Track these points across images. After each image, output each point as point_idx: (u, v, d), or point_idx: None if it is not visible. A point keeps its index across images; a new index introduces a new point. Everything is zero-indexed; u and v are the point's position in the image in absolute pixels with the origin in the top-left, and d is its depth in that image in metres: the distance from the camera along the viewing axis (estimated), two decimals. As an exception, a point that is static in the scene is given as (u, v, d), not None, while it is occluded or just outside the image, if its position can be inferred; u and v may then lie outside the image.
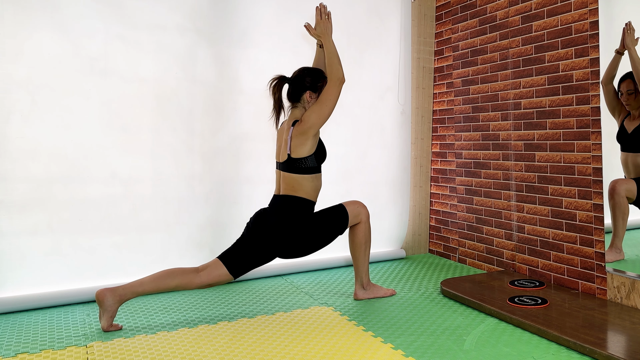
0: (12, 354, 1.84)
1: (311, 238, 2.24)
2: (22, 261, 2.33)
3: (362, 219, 2.37)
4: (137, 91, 2.55)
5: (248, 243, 2.22)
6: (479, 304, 2.27)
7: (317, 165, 2.22)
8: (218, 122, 2.74)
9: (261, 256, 2.22)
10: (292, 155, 2.17)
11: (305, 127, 2.15)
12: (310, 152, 2.19)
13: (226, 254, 2.22)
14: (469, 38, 3.13)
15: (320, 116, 2.15)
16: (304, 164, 2.18)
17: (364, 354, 1.81)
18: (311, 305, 2.36)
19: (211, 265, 2.19)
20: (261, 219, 2.22)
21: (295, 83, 2.24)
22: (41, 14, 2.33)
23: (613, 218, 2.39)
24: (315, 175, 2.23)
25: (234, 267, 2.19)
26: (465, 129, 3.16)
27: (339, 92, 2.18)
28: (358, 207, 2.37)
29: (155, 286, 2.10)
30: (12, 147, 2.30)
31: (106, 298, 2.03)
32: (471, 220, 3.13)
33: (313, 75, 2.24)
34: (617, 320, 2.07)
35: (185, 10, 2.64)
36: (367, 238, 2.41)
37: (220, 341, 1.93)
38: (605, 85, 2.35)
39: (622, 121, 2.36)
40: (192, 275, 2.15)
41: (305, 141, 2.17)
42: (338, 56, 2.21)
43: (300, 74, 2.26)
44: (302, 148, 2.17)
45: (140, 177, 2.57)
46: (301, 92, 2.23)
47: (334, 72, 2.18)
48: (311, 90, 2.22)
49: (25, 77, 2.31)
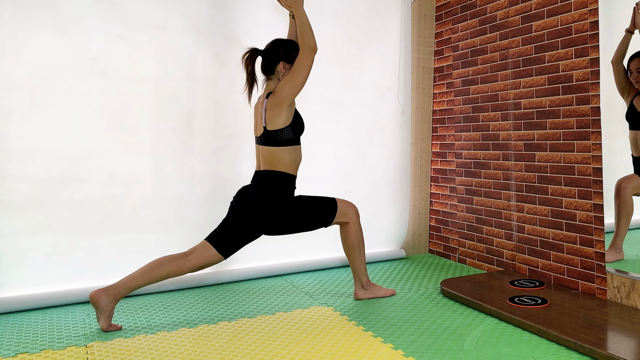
0: (12, 354, 1.84)
1: (295, 215, 2.21)
2: (22, 261, 2.33)
3: (350, 218, 2.35)
4: (137, 91, 2.55)
5: (233, 222, 2.22)
6: (479, 304, 2.27)
7: (294, 137, 2.19)
8: (218, 122, 2.74)
9: (247, 234, 2.22)
10: (268, 127, 2.15)
11: (279, 98, 2.13)
12: (286, 124, 2.15)
13: (213, 235, 2.23)
14: (469, 38, 3.13)
15: (294, 86, 2.12)
16: (280, 136, 2.15)
17: (364, 354, 1.81)
18: (311, 305, 2.36)
19: (199, 248, 2.20)
20: (244, 197, 2.22)
21: (268, 55, 2.22)
22: (41, 14, 2.33)
23: (617, 217, 2.38)
24: (293, 148, 2.19)
25: (222, 247, 2.20)
26: (465, 129, 3.16)
27: (311, 61, 2.14)
28: (347, 206, 2.36)
29: (146, 278, 2.10)
30: (12, 147, 2.30)
31: (100, 299, 2.03)
32: (471, 220, 3.13)
33: (286, 46, 2.22)
34: (617, 320, 2.07)
35: (185, 10, 2.64)
36: (359, 239, 2.39)
37: (220, 341, 1.93)
38: (616, 64, 2.35)
39: (632, 100, 2.36)
40: (181, 261, 2.15)
41: (280, 112, 2.14)
42: (310, 25, 2.17)
43: (273, 45, 2.23)
44: (277, 120, 2.14)
45: (140, 177, 2.57)
46: (275, 63, 2.20)
47: (305, 41, 2.14)
48: (285, 61, 2.20)
49: (25, 77, 2.31)
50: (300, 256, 2.98)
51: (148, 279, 2.11)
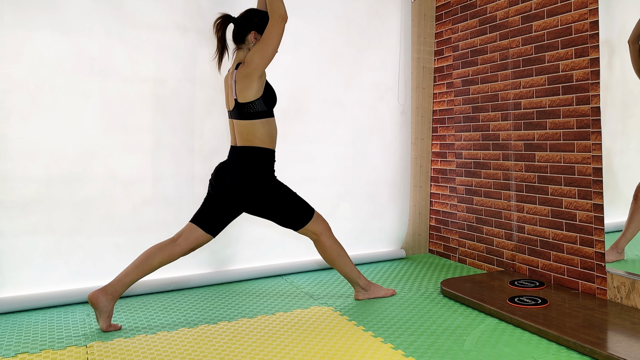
0: (12, 354, 1.84)
1: (272, 200, 2.16)
2: (22, 261, 2.33)
3: (321, 233, 2.28)
4: (137, 91, 2.55)
5: (215, 200, 2.21)
6: (479, 304, 2.27)
7: (267, 109, 2.14)
8: (218, 122, 2.74)
9: (230, 211, 2.21)
10: (239, 100, 2.11)
11: (249, 69, 2.08)
12: (257, 95, 2.10)
13: (197, 215, 2.22)
14: (469, 38, 3.13)
15: (264, 56, 2.07)
16: (252, 108, 2.11)
17: (364, 354, 1.81)
18: (311, 305, 2.36)
19: (186, 231, 2.19)
20: (222, 174, 2.20)
21: (241, 23, 2.18)
22: (41, 14, 2.33)
23: (630, 219, 2.36)
24: (266, 120, 2.14)
25: (208, 227, 2.19)
26: (465, 129, 3.16)
27: (281, 30, 2.09)
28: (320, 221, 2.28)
29: (141, 271, 2.10)
30: (12, 147, 2.30)
31: (99, 299, 2.03)
32: (471, 220, 3.13)
33: (260, 16, 2.18)
34: (617, 320, 2.07)
35: (185, 10, 2.64)
36: (338, 250, 2.33)
37: (220, 341, 1.93)
38: (632, 44, 2.32)
39: None
40: (170, 247, 2.15)
41: (250, 84, 2.09)
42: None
43: (247, 14, 2.19)
44: (248, 91, 2.09)
45: (140, 177, 2.57)
46: (246, 32, 2.17)
47: (275, 9, 2.08)
48: (256, 31, 2.16)
49: (25, 77, 2.31)
50: (300, 256, 2.98)
51: (142, 271, 2.10)
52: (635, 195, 2.35)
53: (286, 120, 2.88)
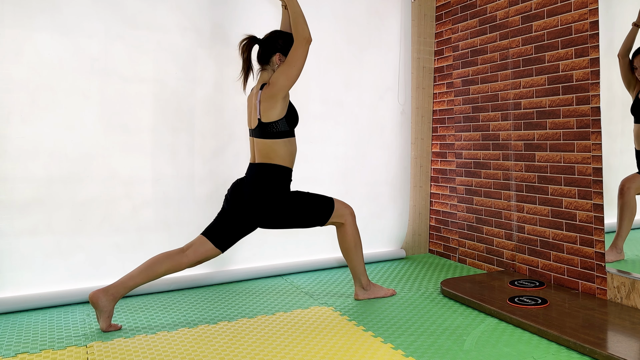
0: (12, 354, 1.84)
1: (291, 210, 2.20)
2: (22, 261, 2.33)
3: (346, 219, 2.35)
4: (137, 91, 2.55)
5: (228, 215, 2.22)
6: (479, 304, 2.27)
7: (289, 129, 2.18)
8: (218, 122, 2.74)
9: (243, 227, 2.22)
10: (263, 119, 2.14)
11: (273, 90, 2.12)
12: (280, 116, 2.14)
13: (209, 229, 2.23)
14: (469, 38, 3.13)
15: (289, 77, 2.12)
16: (275, 128, 2.14)
17: (364, 354, 1.81)
18: (311, 305, 2.36)
19: (196, 243, 2.20)
20: (238, 190, 2.21)
21: (266, 44, 2.21)
22: (41, 14, 2.33)
23: (620, 217, 2.38)
24: (288, 140, 2.19)
25: (219, 241, 2.20)
26: (465, 129, 3.16)
27: (306, 52, 2.13)
28: (344, 207, 2.35)
29: (145, 276, 2.10)
30: (12, 147, 2.30)
31: (100, 299, 2.03)
32: (471, 220, 3.13)
33: (285, 38, 2.21)
34: (617, 320, 2.07)
35: (185, 10, 2.64)
36: (356, 240, 2.38)
37: (220, 341, 1.93)
38: (622, 57, 2.34)
39: (637, 94, 2.36)
40: (178, 257, 2.15)
41: (275, 104, 2.13)
42: (303, 15, 2.15)
43: (272, 35, 2.23)
44: (272, 112, 2.13)
45: (140, 177, 2.57)
46: (271, 53, 2.20)
47: (299, 32, 2.13)
48: (281, 52, 2.19)
49: (25, 77, 2.31)
50: (300, 256, 2.98)
51: (147, 276, 2.11)
52: (620, 191, 2.36)
53: (286, 120, 2.88)
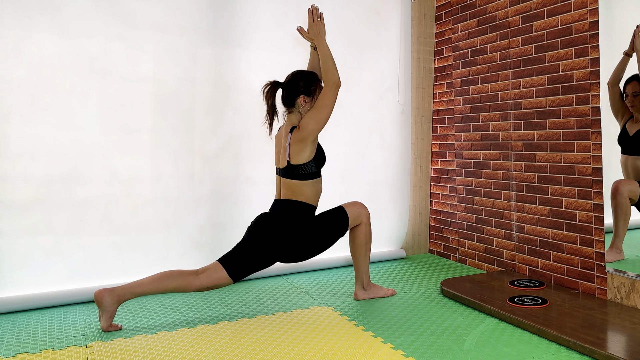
0: (12, 354, 1.84)
1: (312, 243, 2.23)
2: (22, 261, 2.33)
3: (362, 220, 2.36)
4: (137, 91, 2.55)
5: (249, 247, 2.21)
6: (479, 304, 2.27)
7: (316, 170, 2.22)
8: (218, 122, 2.74)
9: (262, 260, 2.22)
10: (292, 162, 2.17)
11: (303, 134, 2.14)
12: (309, 158, 2.18)
13: (226, 258, 2.22)
14: (469, 38, 3.13)
15: (318, 122, 2.15)
16: (304, 170, 2.18)
17: (364, 354, 1.81)
18: (311, 305, 2.36)
19: (211, 268, 2.19)
20: (262, 224, 2.22)
21: (288, 88, 2.23)
22: (41, 14, 2.33)
23: (615, 218, 2.38)
24: (315, 180, 2.23)
25: (234, 271, 2.19)
26: (465, 129, 3.16)
27: (335, 96, 2.16)
28: (358, 208, 2.36)
29: (154, 287, 2.10)
30: (12, 147, 2.30)
31: (105, 298, 2.03)
32: (471, 220, 3.13)
33: (306, 79, 2.23)
34: (617, 320, 2.07)
35: (185, 10, 2.64)
36: (368, 239, 2.40)
37: (220, 341, 1.93)
38: (612, 87, 2.35)
39: (625, 124, 2.37)
40: (191, 278, 2.15)
41: (304, 148, 2.16)
42: (333, 59, 2.19)
43: (293, 78, 2.24)
44: (301, 155, 2.16)
45: (140, 177, 2.57)
46: (295, 96, 2.22)
47: (329, 77, 2.16)
48: (305, 94, 2.21)
49: (25, 77, 2.31)
50: (300, 256, 2.98)
51: (155, 288, 2.10)
52: (612, 194, 2.37)
53: (286, 120, 2.88)
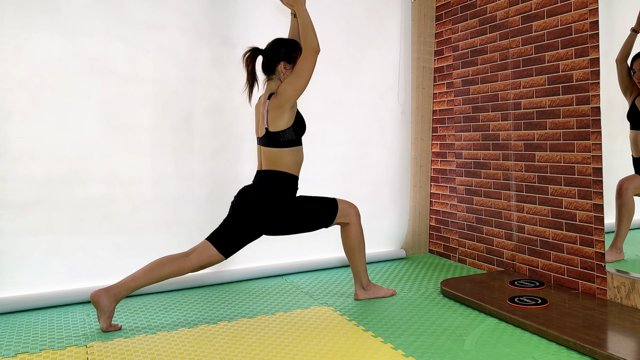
0: (12, 354, 1.84)
1: (295, 216, 2.21)
2: (22, 261, 2.33)
3: (351, 219, 2.35)
4: (137, 91, 2.55)
5: (234, 222, 2.22)
6: (479, 304, 2.27)
7: (296, 138, 2.19)
8: (218, 122, 2.74)
9: (248, 233, 2.22)
10: (270, 128, 2.15)
11: (281, 100, 2.12)
12: (288, 125, 2.15)
13: (214, 235, 2.23)
14: (469, 38, 3.13)
15: (296, 88, 2.12)
16: (282, 137, 2.15)
17: (364, 354, 1.81)
18: (311, 305, 2.36)
19: (200, 248, 2.20)
20: (245, 196, 2.22)
21: (269, 54, 2.21)
22: (41, 14, 2.33)
23: (618, 217, 2.38)
24: (295, 149, 2.20)
25: (223, 247, 2.20)
26: (465, 129, 3.16)
27: (314, 62, 2.13)
28: (348, 206, 2.35)
29: (148, 278, 2.10)
30: (12, 147, 2.30)
31: (101, 299, 2.03)
32: (471, 220, 3.13)
33: (287, 46, 2.21)
34: (617, 320, 2.07)
35: (185, 10, 2.64)
36: (360, 240, 2.39)
37: (220, 341, 1.93)
38: (620, 63, 2.35)
39: (634, 100, 2.36)
40: (182, 261, 2.15)
41: (282, 114, 2.13)
42: (312, 25, 2.16)
43: (274, 45, 2.22)
44: (279, 121, 2.14)
45: (140, 177, 2.57)
46: (275, 63, 2.20)
47: (308, 42, 2.13)
48: (285, 61, 2.19)
49: (25, 77, 2.31)
50: (300, 256, 2.98)
51: (149, 278, 2.11)
52: (617, 192, 2.37)
53: (286, 120, 2.88)
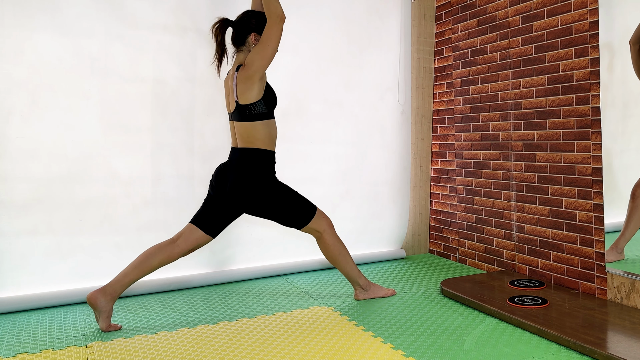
0: (12, 354, 1.84)
1: (274, 199, 2.17)
2: (22, 261, 2.33)
3: (324, 230, 2.29)
4: (137, 91, 2.55)
5: (215, 201, 2.21)
6: (479, 304, 2.27)
7: (267, 110, 2.15)
8: (218, 122, 2.74)
9: (230, 212, 2.21)
10: (240, 101, 2.12)
11: (249, 71, 2.09)
12: (258, 97, 2.11)
13: (197, 217, 2.23)
14: (469, 38, 3.13)
15: (264, 57, 2.08)
16: (253, 110, 2.12)
17: (364, 354, 1.81)
18: (311, 305, 2.36)
19: (186, 232, 2.20)
20: (222, 175, 2.20)
21: (239, 25, 2.19)
22: (41, 14, 2.33)
23: (628, 219, 2.36)
24: (267, 122, 2.16)
25: (208, 228, 2.20)
26: (465, 129, 3.16)
27: (280, 30, 2.09)
28: (322, 217, 2.30)
29: (140, 271, 2.11)
30: (12, 147, 2.30)
31: (98, 300, 2.03)
32: (471, 220, 3.13)
33: (258, 17, 2.18)
34: (617, 320, 2.07)
35: (185, 10, 2.64)
36: (339, 246, 2.35)
37: (220, 341, 1.93)
38: (633, 44, 2.33)
39: None
40: (170, 248, 2.15)
41: (252, 86, 2.10)
42: None
43: (244, 16, 2.20)
44: (249, 93, 2.10)
45: (140, 177, 2.57)
46: (246, 34, 2.17)
47: (272, 10, 2.08)
48: (256, 32, 2.17)
49: (25, 77, 2.31)
50: (300, 256, 2.98)
51: (141, 271, 2.11)
52: (632, 194, 2.35)
53: (286, 120, 2.88)
